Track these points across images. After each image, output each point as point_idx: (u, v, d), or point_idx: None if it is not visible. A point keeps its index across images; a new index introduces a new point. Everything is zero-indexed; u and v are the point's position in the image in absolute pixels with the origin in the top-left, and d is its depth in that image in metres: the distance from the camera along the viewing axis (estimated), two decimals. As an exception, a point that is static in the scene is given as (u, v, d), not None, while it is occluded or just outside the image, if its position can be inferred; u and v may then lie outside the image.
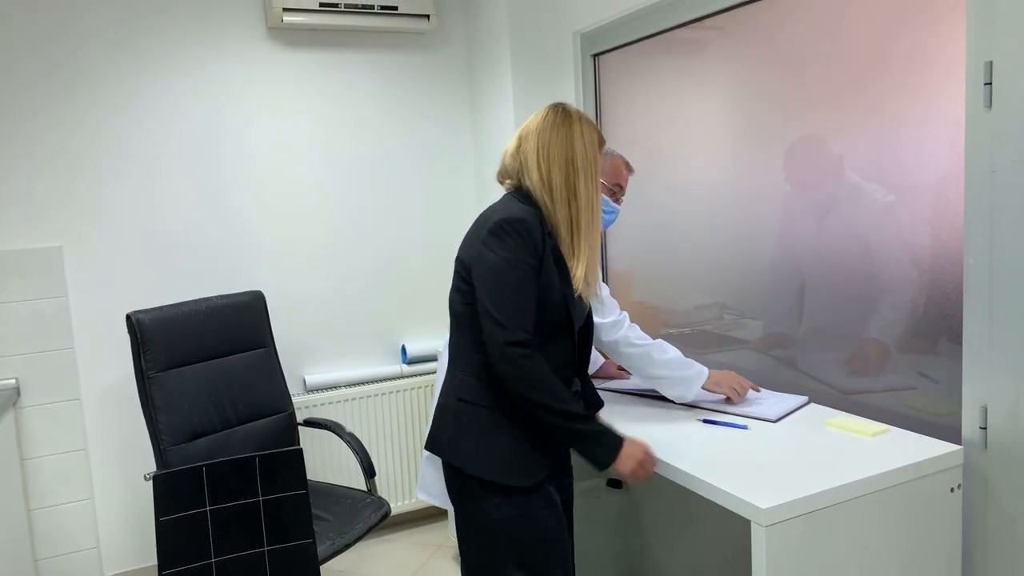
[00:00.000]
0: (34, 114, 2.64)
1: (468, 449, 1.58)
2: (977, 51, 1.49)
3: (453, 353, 1.66)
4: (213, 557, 1.71)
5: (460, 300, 1.61)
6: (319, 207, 3.09)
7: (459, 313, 1.61)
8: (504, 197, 1.67)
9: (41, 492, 2.71)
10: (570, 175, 1.59)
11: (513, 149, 1.66)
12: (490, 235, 1.53)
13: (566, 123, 1.61)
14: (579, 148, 1.60)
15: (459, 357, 1.64)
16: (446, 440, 1.62)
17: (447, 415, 1.63)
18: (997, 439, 1.54)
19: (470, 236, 1.62)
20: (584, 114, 1.66)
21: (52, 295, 2.68)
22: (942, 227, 1.67)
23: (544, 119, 1.62)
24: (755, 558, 1.38)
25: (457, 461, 1.60)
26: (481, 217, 1.64)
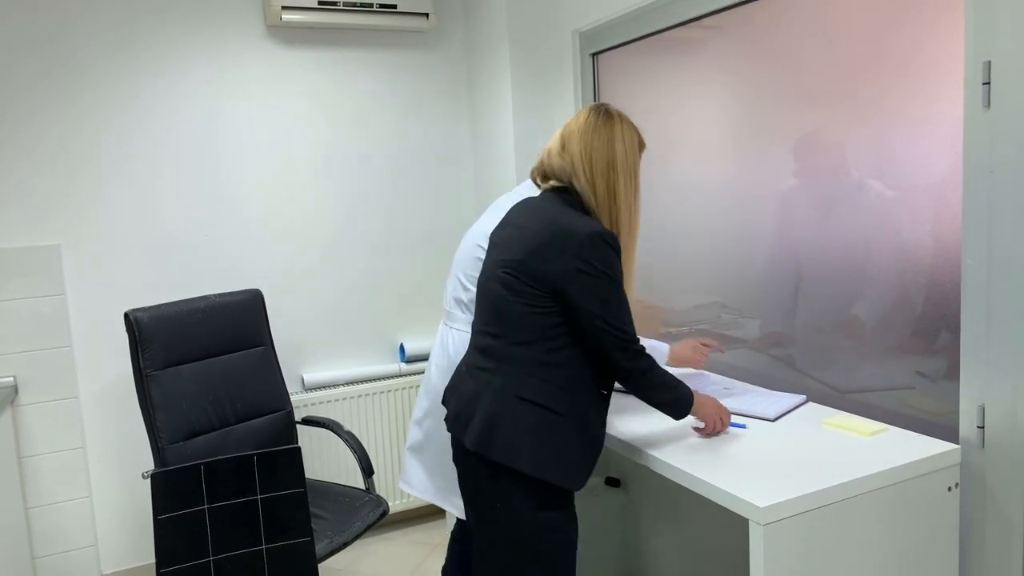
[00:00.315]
0: (33, 113, 2.64)
1: (528, 448, 1.53)
2: (976, 51, 1.49)
3: (507, 351, 1.59)
4: (211, 555, 1.71)
5: (521, 303, 1.57)
6: (317, 205, 3.09)
7: (517, 314, 1.57)
8: (553, 199, 1.64)
9: (39, 490, 2.71)
10: (611, 178, 1.60)
11: (558, 149, 1.65)
12: (586, 249, 1.51)
13: (608, 125, 1.62)
14: (619, 150, 1.62)
15: (520, 356, 1.57)
16: (499, 440, 1.54)
17: (503, 416, 1.55)
18: (994, 438, 1.54)
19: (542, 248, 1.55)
20: (625, 115, 1.67)
21: (50, 293, 2.68)
22: (940, 227, 1.67)
23: (586, 120, 1.63)
24: (753, 557, 1.38)
25: (511, 461, 1.53)
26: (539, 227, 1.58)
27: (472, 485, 1.64)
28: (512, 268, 1.58)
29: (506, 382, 1.58)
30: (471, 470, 1.63)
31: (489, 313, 1.64)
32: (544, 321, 1.56)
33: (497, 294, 1.61)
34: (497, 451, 1.54)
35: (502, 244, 1.67)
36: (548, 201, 1.64)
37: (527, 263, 1.56)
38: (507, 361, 1.59)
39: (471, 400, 1.62)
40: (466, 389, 1.65)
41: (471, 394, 1.63)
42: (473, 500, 1.65)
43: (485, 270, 1.71)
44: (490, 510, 1.60)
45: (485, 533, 1.63)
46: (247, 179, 2.97)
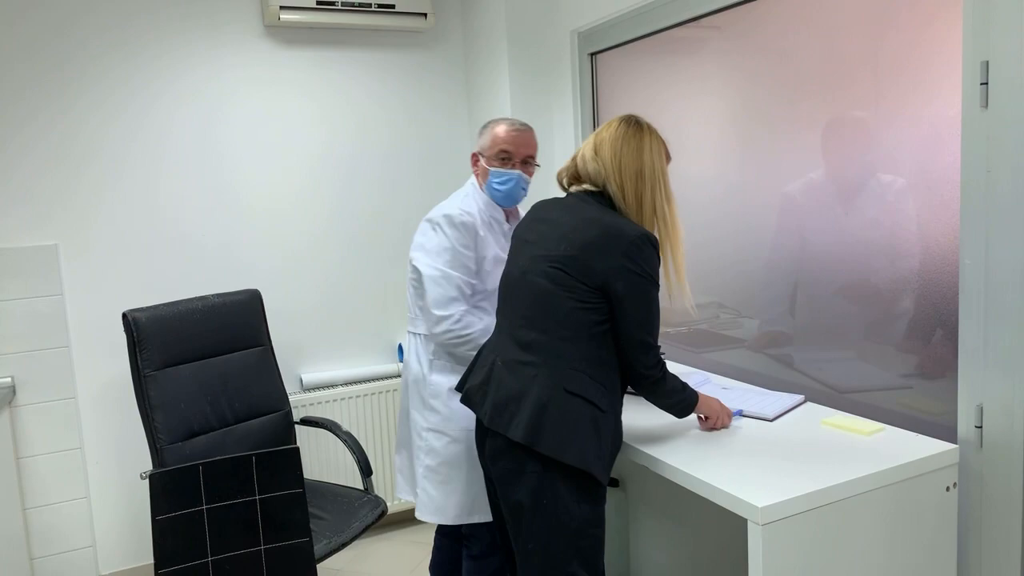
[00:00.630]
0: (31, 114, 2.63)
1: (574, 442, 1.56)
2: (974, 51, 1.49)
3: (553, 346, 1.62)
4: (210, 556, 1.71)
5: (569, 297, 1.61)
6: (315, 205, 3.09)
7: (566, 309, 1.61)
8: (588, 199, 1.70)
9: (37, 491, 2.70)
10: (639, 186, 1.67)
11: (592, 154, 1.72)
12: (635, 250, 1.58)
13: (637, 135, 1.70)
14: (647, 160, 1.69)
15: (567, 352, 1.61)
16: (548, 432, 1.57)
17: (552, 409, 1.57)
18: (992, 438, 1.54)
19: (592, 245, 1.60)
20: (654, 128, 1.74)
21: (48, 293, 2.68)
22: (938, 227, 1.67)
23: (617, 129, 1.71)
24: (751, 556, 1.38)
25: (559, 453, 1.56)
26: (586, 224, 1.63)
27: (516, 481, 1.63)
28: (561, 263, 1.62)
29: (554, 376, 1.60)
30: (515, 465, 1.62)
31: (531, 307, 1.66)
32: (590, 318, 1.61)
33: (543, 288, 1.64)
34: (545, 444, 1.57)
35: (537, 240, 1.71)
36: (584, 201, 1.70)
37: (579, 259, 1.60)
38: (554, 355, 1.62)
39: (516, 395, 1.62)
40: (507, 383, 1.65)
41: (515, 388, 1.63)
42: (515, 496, 1.64)
43: (517, 264, 1.74)
44: (537, 505, 1.60)
45: (530, 530, 1.62)
46: (245, 179, 2.97)
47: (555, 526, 1.59)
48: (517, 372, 1.65)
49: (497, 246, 2.10)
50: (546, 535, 1.60)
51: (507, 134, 2.11)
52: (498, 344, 1.76)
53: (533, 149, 2.15)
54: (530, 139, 2.15)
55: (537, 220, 1.77)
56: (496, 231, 2.13)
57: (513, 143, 2.11)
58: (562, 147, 3.01)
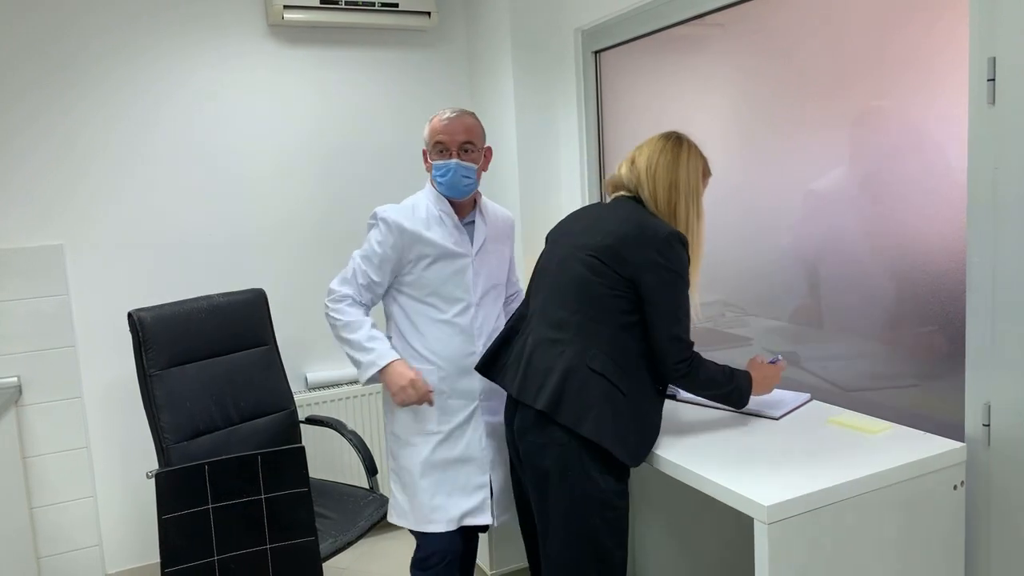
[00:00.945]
0: (36, 114, 2.64)
1: (590, 415, 1.63)
2: (981, 47, 1.49)
3: (582, 327, 1.70)
4: (215, 555, 1.71)
5: (601, 283, 1.69)
6: (320, 204, 3.09)
7: (598, 295, 1.70)
8: (627, 201, 1.79)
9: (43, 490, 2.71)
10: (672, 197, 1.76)
11: (628, 163, 1.83)
12: (667, 247, 1.66)
13: (675, 149, 1.78)
14: (683, 175, 1.77)
15: (594, 333, 1.69)
16: (570, 403, 1.64)
17: (572, 381, 1.65)
18: (1000, 436, 1.54)
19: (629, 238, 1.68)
20: (695, 145, 1.82)
21: (53, 293, 2.68)
22: (945, 224, 1.67)
23: (656, 141, 1.81)
24: (758, 555, 1.38)
25: (576, 425, 1.63)
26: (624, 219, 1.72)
27: (542, 451, 1.69)
28: (597, 252, 1.71)
29: (579, 352, 1.68)
30: (542, 438, 1.69)
31: (566, 292, 1.75)
32: (620, 306, 1.69)
33: (579, 274, 1.73)
34: (563, 415, 1.64)
35: (576, 232, 1.81)
36: (624, 202, 1.80)
37: (614, 248, 1.69)
38: (582, 334, 1.70)
39: (545, 369, 1.71)
40: (537, 360, 1.74)
41: (545, 364, 1.72)
42: (542, 464, 1.70)
43: (555, 255, 1.84)
44: (563, 474, 1.66)
45: (557, 497, 1.68)
46: (250, 178, 2.97)
47: (580, 495, 1.65)
48: (548, 349, 1.73)
49: (448, 240, 2.06)
50: (571, 504, 1.66)
51: (439, 123, 2.05)
52: (530, 325, 1.84)
53: (471, 135, 2.05)
54: (465, 125, 2.05)
55: (575, 218, 1.89)
56: (447, 225, 2.08)
57: (446, 131, 2.04)
58: (566, 145, 3.01)
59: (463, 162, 2.04)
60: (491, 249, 2.16)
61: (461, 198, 2.10)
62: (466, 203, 2.14)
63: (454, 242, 2.07)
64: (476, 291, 2.10)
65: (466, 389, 2.08)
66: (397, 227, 2.04)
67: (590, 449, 1.64)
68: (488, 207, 2.21)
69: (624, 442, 1.64)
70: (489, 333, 2.10)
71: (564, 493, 1.67)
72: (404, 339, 2.10)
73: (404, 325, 2.11)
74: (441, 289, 2.07)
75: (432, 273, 2.06)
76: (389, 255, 2.05)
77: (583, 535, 1.66)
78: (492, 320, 2.14)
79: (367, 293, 2.09)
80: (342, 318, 2.06)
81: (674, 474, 1.61)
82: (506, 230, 2.24)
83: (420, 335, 2.08)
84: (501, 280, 2.20)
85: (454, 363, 2.07)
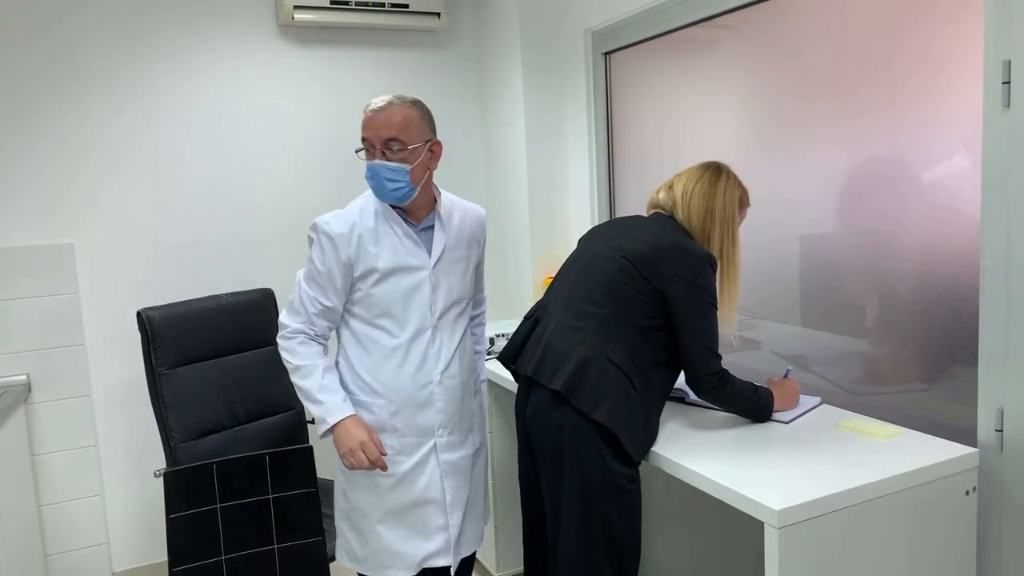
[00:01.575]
0: (44, 113, 2.65)
1: (606, 403, 1.66)
2: (996, 50, 1.47)
3: (605, 322, 1.73)
4: (223, 554, 1.71)
5: (629, 285, 1.73)
6: (330, 204, 3.09)
7: (625, 296, 1.73)
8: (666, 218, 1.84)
9: (51, 488, 2.72)
10: (707, 224, 1.80)
11: (666, 187, 1.88)
12: (699, 266, 1.71)
13: (713, 178, 1.82)
14: (719, 203, 1.81)
15: (616, 329, 1.72)
16: (587, 388, 1.67)
17: (592, 368, 1.68)
18: (1013, 442, 1.52)
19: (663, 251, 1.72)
20: (734, 175, 1.85)
21: (63, 292, 2.69)
22: (958, 228, 1.65)
23: (696, 170, 1.86)
24: (768, 560, 1.37)
25: (590, 409, 1.66)
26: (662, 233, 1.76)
27: (556, 432, 1.71)
28: (632, 257, 1.74)
29: (601, 343, 1.71)
30: (556, 419, 1.71)
31: (594, 286, 1.78)
32: (643, 311, 1.73)
33: (611, 273, 1.76)
34: (579, 398, 1.67)
35: (614, 234, 1.85)
36: (663, 218, 1.85)
37: (648, 257, 1.73)
38: (605, 326, 1.73)
39: (563, 352, 1.73)
40: (556, 343, 1.76)
41: (563, 347, 1.74)
42: (556, 444, 1.72)
43: (588, 250, 1.86)
44: (576, 454, 1.69)
45: (570, 477, 1.70)
46: (259, 178, 2.97)
47: (591, 475, 1.67)
48: (568, 335, 1.75)
49: (400, 252, 1.82)
50: (583, 484, 1.68)
51: (364, 119, 1.77)
52: (551, 313, 1.85)
53: (396, 130, 1.74)
54: (390, 119, 1.74)
55: (612, 224, 1.93)
56: (396, 235, 1.83)
57: (367, 126, 1.76)
58: (575, 146, 3.00)
59: (388, 162, 1.75)
60: (453, 258, 1.89)
61: (398, 204, 1.82)
62: (418, 207, 1.85)
63: (406, 253, 1.82)
64: (435, 310, 1.85)
65: (422, 425, 1.85)
66: (338, 238, 1.78)
67: (602, 433, 1.67)
68: (451, 207, 1.94)
69: (632, 434, 1.68)
70: (448, 358, 1.87)
71: (577, 473, 1.69)
72: (352, 368, 1.85)
73: (353, 351, 1.85)
74: (393, 309, 1.81)
75: (382, 290, 1.80)
76: (335, 272, 1.78)
77: (595, 519, 1.68)
78: (455, 343, 1.89)
79: (321, 320, 1.82)
80: (293, 361, 1.79)
81: (684, 478, 1.60)
82: (474, 231, 1.97)
83: (370, 364, 1.83)
84: (466, 295, 1.94)
85: (407, 397, 1.83)
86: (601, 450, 1.67)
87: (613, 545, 1.69)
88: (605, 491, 1.67)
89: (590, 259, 1.83)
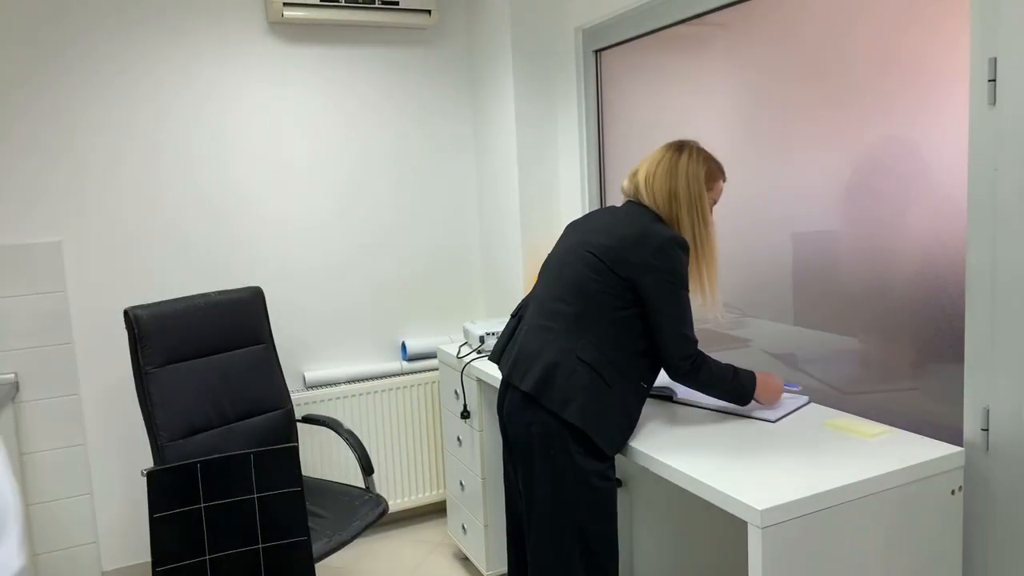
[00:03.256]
0: (33, 110, 2.64)
1: (575, 402, 1.68)
2: (982, 47, 1.47)
3: (575, 320, 1.74)
4: (207, 554, 1.71)
5: (597, 281, 1.74)
6: (318, 202, 3.08)
7: (593, 291, 1.74)
8: (637, 206, 1.82)
9: (40, 487, 2.71)
10: (673, 205, 1.79)
11: (631, 174, 1.88)
12: (666, 250, 1.70)
13: (675, 157, 1.81)
14: (682, 182, 1.79)
15: (586, 327, 1.73)
16: (555, 389, 1.70)
17: (561, 368, 1.71)
18: (999, 441, 1.52)
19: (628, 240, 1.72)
20: (698, 150, 1.83)
21: (51, 290, 2.68)
22: (944, 226, 1.65)
23: (656, 152, 1.85)
24: (751, 560, 1.36)
25: (560, 409, 1.68)
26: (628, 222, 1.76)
27: (528, 431, 1.75)
28: (598, 252, 1.75)
29: (569, 342, 1.73)
30: (528, 418, 1.75)
31: (566, 286, 1.79)
32: (613, 303, 1.72)
33: (579, 270, 1.77)
34: (548, 398, 1.70)
35: (584, 231, 1.85)
36: (634, 206, 1.83)
37: (614, 248, 1.73)
38: (574, 325, 1.74)
39: (534, 353, 1.77)
40: (528, 344, 1.79)
41: (534, 348, 1.77)
42: (528, 444, 1.75)
43: (561, 248, 1.88)
44: (545, 453, 1.72)
45: (542, 477, 1.74)
46: (248, 176, 2.96)
47: (561, 473, 1.70)
48: (538, 335, 1.78)
49: None
50: (554, 482, 1.71)
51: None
52: (528, 313, 1.88)
53: None
54: None
55: (592, 216, 1.91)
56: None
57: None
58: (566, 144, 2.99)
59: None
60: None
61: None
62: None
63: None
64: None
65: None
66: None
67: (573, 432, 1.69)
68: None
69: (604, 430, 1.69)
70: None
71: (547, 472, 1.72)
72: None
73: None
74: None
75: None
76: None
77: (566, 525, 1.70)
78: None
79: None
80: None
81: (669, 476, 1.59)
82: None
83: None
84: None
85: None
86: (572, 448, 1.69)
87: (589, 552, 1.70)
88: (576, 491, 1.69)
89: (562, 256, 1.84)
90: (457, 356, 2.67)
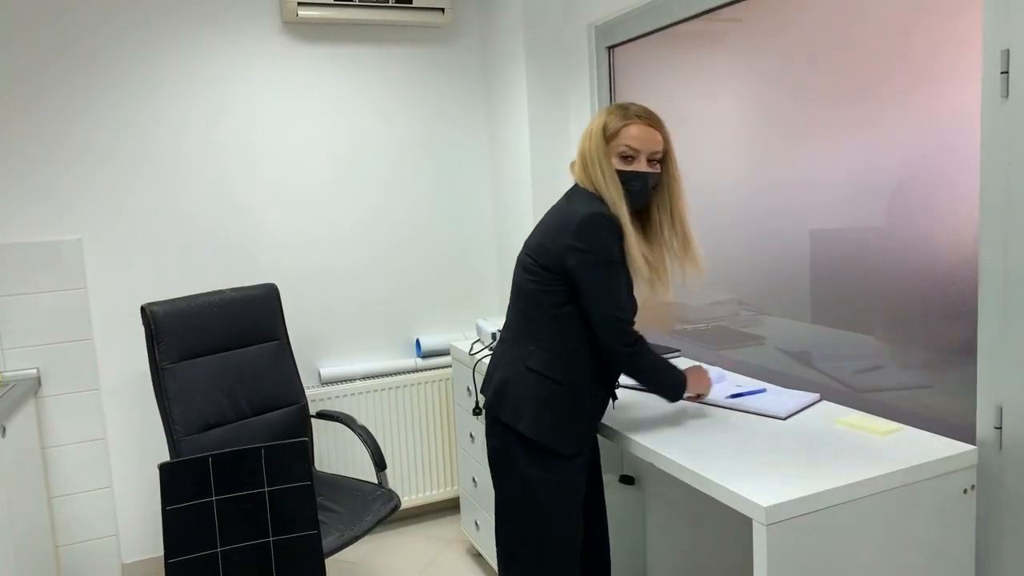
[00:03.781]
0: (55, 111, 2.69)
1: (527, 413, 1.70)
2: (994, 39, 1.44)
3: (521, 327, 1.76)
4: (219, 547, 1.73)
5: (532, 280, 1.72)
6: (334, 201, 3.11)
7: (531, 292, 1.72)
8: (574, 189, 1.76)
9: (61, 480, 2.76)
10: (587, 172, 1.71)
11: None
12: (585, 228, 1.61)
13: (587, 126, 1.74)
14: (584, 144, 1.73)
15: (531, 331, 1.73)
16: (508, 402, 1.74)
17: (512, 381, 1.74)
18: (1012, 439, 1.49)
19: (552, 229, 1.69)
20: (612, 107, 1.73)
21: (72, 287, 2.73)
22: (957, 222, 1.62)
23: None
24: (756, 557, 1.35)
25: (514, 422, 1.72)
26: (556, 210, 1.75)
27: (490, 440, 1.82)
28: (531, 251, 1.74)
29: (517, 353, 1.75)
30: (489, 428, 1.82)
31: (513, 293, 1.81)
32: (551, 300, 1.70)
33: (518, 275, 1.78)
34: (504, 412, 1.74)
35: (533, 230, 1.81)
36: (572, 191, 1.78)
37: (542, 243, 1.70)
38: (521, 334, 1.75)
39: (492, 366, 1.83)
40: (492, 356, 1.86)
41: (493, 360, 1.84)
42: (493, 462, 1.83)
43: None
44: (501, 462, 1.79)
45: (500, 495, 1.82)
46: (264, 174, 2.99)
47: (510, 481, 1.77)
48: (498, 348, 1.84)
49: None
50: (505, 489, 1.80)
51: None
52: None
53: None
54: None
55: None
56: None
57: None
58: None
59: None
60: None
61: None
62: None
63: None
64: None
65: None
66: None
67: (520, 442, 1.73)
68: None
69: (563, 434, 1.71)
70: None
71: (501, 478, 1.80)
72: None
73: None
74: None
75: None
76: None
77: (513, 517, 1.78)
78: None
79: None
80: None
81: (676, 473, 1.59)
82: None
83: None
84: None
85: None
86: (517, 456, 1.73)
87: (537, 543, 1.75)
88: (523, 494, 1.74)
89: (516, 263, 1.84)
90: (469, 353, 2.68)
